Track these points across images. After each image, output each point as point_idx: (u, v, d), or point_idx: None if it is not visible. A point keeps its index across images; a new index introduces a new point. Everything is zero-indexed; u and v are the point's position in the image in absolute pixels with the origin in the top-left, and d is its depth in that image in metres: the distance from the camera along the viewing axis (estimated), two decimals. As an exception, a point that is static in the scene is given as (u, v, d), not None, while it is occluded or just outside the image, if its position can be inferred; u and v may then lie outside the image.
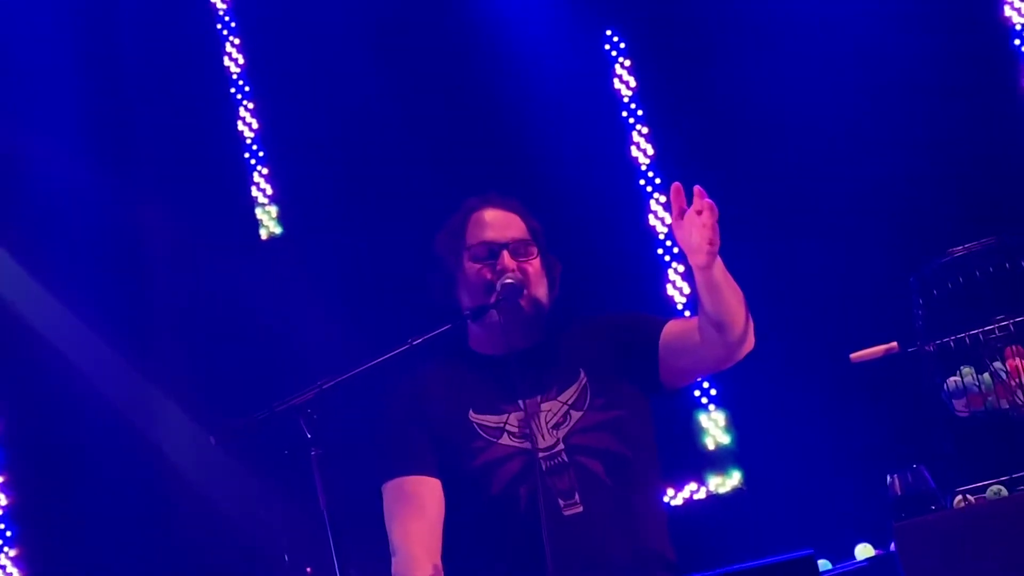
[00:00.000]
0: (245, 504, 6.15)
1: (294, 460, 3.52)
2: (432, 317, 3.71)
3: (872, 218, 6.17)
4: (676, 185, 3.42)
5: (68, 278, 6.44)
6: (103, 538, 6.14)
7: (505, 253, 3.69)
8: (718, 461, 6.50)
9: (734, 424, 6.51)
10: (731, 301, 3.48)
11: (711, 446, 6.50)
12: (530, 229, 3.76)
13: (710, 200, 3.37)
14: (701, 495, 6.47)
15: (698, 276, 3.45)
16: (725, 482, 6.46)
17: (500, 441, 3.60)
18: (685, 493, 6.47)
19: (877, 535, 5.43)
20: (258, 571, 6.08)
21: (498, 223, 3.73)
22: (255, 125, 6.91)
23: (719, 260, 3.42)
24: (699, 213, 3.36)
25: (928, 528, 3.53)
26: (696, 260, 3.40)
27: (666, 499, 6.43)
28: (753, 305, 3.67)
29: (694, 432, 6.52)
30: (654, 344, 3.66)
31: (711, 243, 3.36)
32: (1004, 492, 3.63)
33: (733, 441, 6.49)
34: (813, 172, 6.32)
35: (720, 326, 3.49)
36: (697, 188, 3.39)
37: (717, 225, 3.35)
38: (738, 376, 6.36)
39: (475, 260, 3.70)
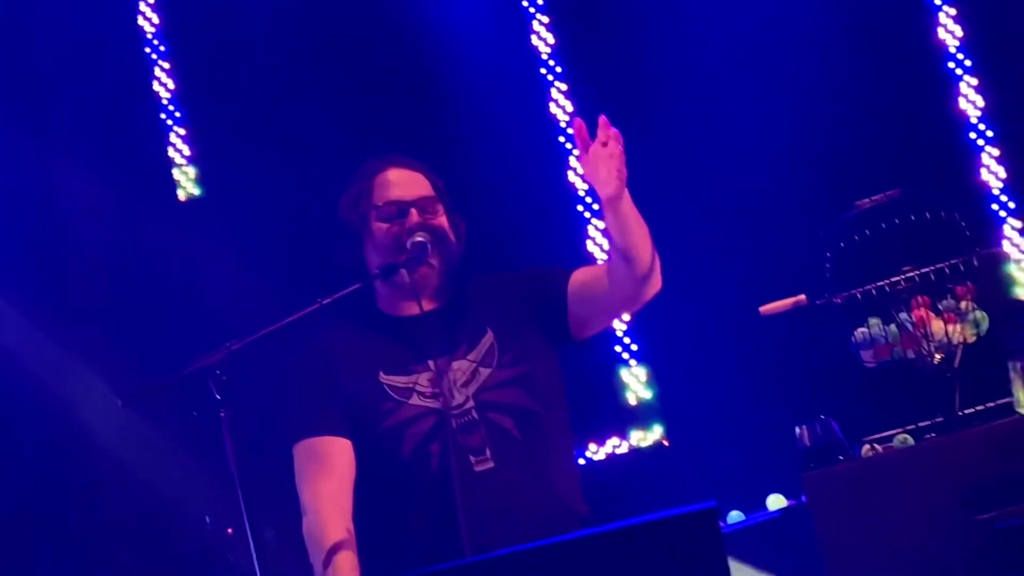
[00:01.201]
0: (165, 467, 6.12)
1: (206, 422, 3.51)
2: (346, 278, 3.71)
3: (781, 174, 6.21)
4: (578, 121, 3.44)
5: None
6: (18, 506, 6.09)
7: (413, 211, 3.69)
8: (640, 416, 6.54)
9: (655, 379, 6.54)
10: (638, 234, 3.51)
11: (633, 401, 6.54)
12: (435, 187, 3.76)
13: (615, 129, 3.40)
14: (623, 449, 6.51)
15: (607, 209, 3.47)
16: (647, 436, 6.50)
17: (410, 401, 3.61)
18: (608, 448, 6.51)
19: (792, 486, 5.49)
20: (180, 534, 6.05)
21: (403, 182, 3.73)
22: (171, 85, 6.85)
23: (627, 194, 3.44)
24: (604, 144, 3.39)
25: (836, 478, 3.58)
26: (605, 191, 3.42)
27: (588, 454, 6.47)
28: (668, 259, 3.70)
29: (616, 387, 6.55)
30: (562, 294, 3.69)
31: (619, 172, 3.38)
32: (910, 441, 3.69)
33: (655, 396, 6.53)
34: (726, 127, 6.34)
35: (628, 259, 3.51)
36: (602, 118, 3.41)
37: (624, 154, 3.38)
38: (659, 332, 6.43)
39: (383, 220, 3.70)
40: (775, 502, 5.23)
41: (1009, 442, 3.44)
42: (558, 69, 6.81)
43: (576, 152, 6.47)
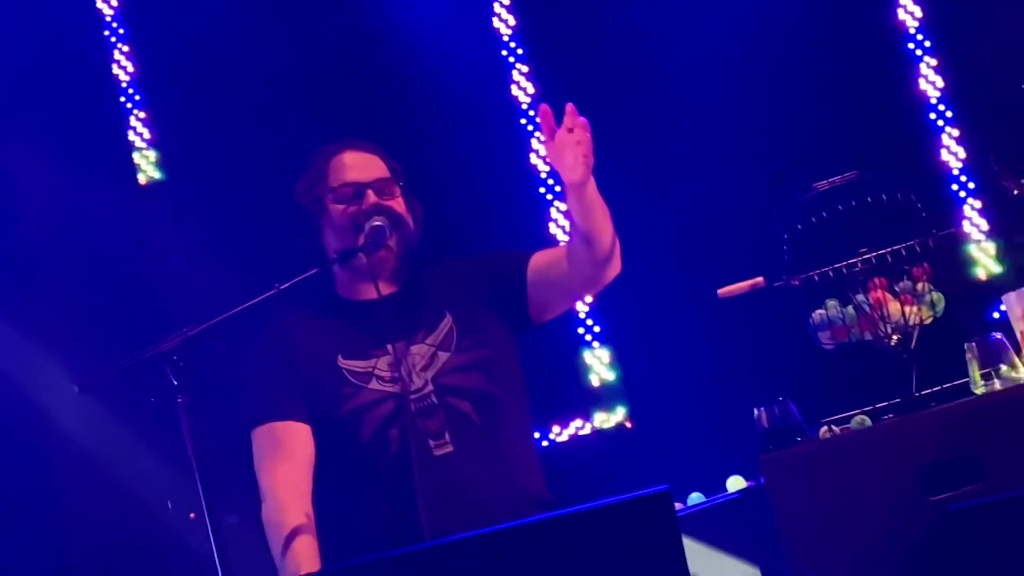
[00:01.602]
0: (127, 453, 6.10)
1: (165, 407, 3.50)
2: (304, 263, 3.70)
3: (740, 156, 6.23)
4: (544, 107, 3.44)
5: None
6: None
7: (370, 192, 3.68)
8: (603, 398, 6.56)
9: (618, 361, 6.56)
10: (600, 217, 3.53)
11: (596, 383, 6.56)
12: (391, 169, 3.76)
13: (583, 118, 3.40)
14: (587, 431, 6.52)
15: (571, 194, 3.48)
16: (610, 418, 6.52)
17: (369, 386, 3.61)
18: (571, 429, 6.53)
19: (753, 467, 5.51)
20: (142, 519, 6.04)
21: (360, 164, 3.73)
22: (131, 68, 6.81)
23: (592, 179, 3.45)
24: (570, 131, 3.39)
25: (794, 459, 3.58)
26: (571, 178, 3.43)
27: (552, 435, 6.49)
28: (629, 241, 3.72)
29: (579, 369, 6.57)
30: (521, 278, 3.69)
31: (586, 159, 3.38)
32: (868, 422, 3.69)
33: (618, 378, 6.55)
34: (686, 109, 6.36)
35: (590, 242, 3.53)
36: (569, 106, 3.41)
37: (591, 141, 3.38)
38: (621, 314, 6.44)
39: (339, 201, 3.69)
40: (735, 483, 5.24)
41: (965, 423, 3.45)
42: (519, 51, 6.81)
43: (540, 136, 6.48)
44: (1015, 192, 4.01)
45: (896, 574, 3.31)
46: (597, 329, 6.57)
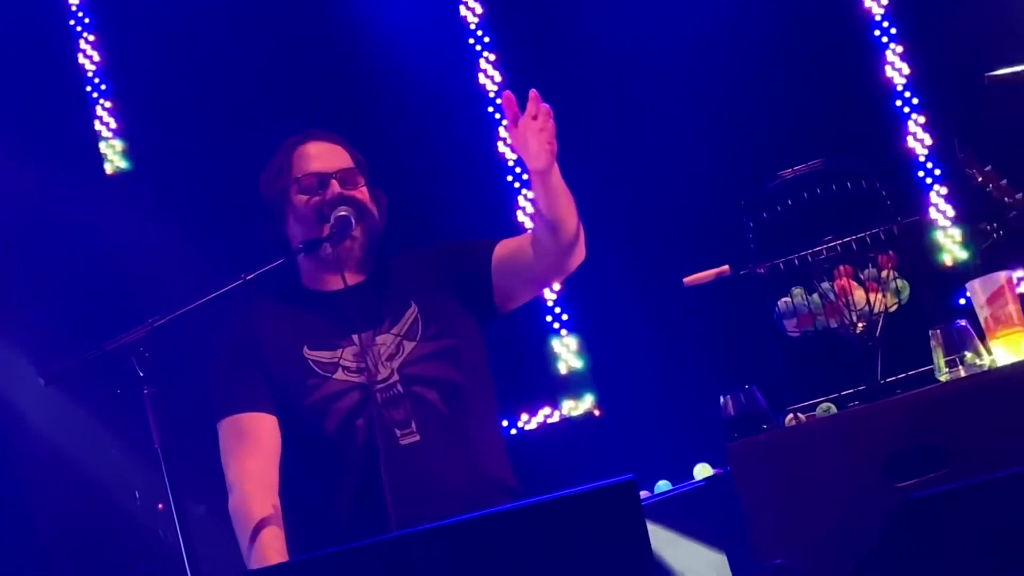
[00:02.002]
0: (94, 445, 6.08)
1: (133, 398, 3.50)
2: (270, 254, 3.70)
3: (707, 144, 6.24)
4: (507, 93, 3.45)
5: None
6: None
7: (334, 182, 3.68)
8: (571, 385, 6.57)
9: (586, 349, 6.57)
10: (565, 205, 3.54)
11: (564, 371, 6.56)
12: (355, 160, 3.75)
13: (546, 105, 3.40)
14: (555, 419, 6.53)
15: (536, 181, 3.50)
16: (578, 406, 6.53)
17: (335, 376, 3.60)
18: (539, 417, 6.54)
19: (721, 455, 5.52)
20: (110, 511, 6.03)
21: (324, 154, 3.72)
22: (96, 58, 6.78)
23: (556, 166, 3.46)
24: (534, 118, 3.39)
25: (760, 447, 3.59)
26: (535, 165, 3.44)
27: (520, 423, 6.50)
28: (596, 230, 3.72)
29: (547, 357, 6.57)
30: (486, 267, 3.70)
31: (549, 146, 3.39)
32: (833, 409, 3.71)
33: (586, 366, 6.56)
34: (652, 97, 6.37)
35: (554, 228, 3.54)
36: (532, 93, 3.42)
37: (555, 128, 3.38)
38: (589, 302, 6.45)
39: (304, 192, 3.69)
40: (702, 471, 5.25)
41: (930, 410, 3.47)
42: (486, 39, 6.80)
43: (505, 123, 6.47)
44: (980, 179, 4.01)
45: (861, 561, 3.32)
46: (565, 317, 6.58)
